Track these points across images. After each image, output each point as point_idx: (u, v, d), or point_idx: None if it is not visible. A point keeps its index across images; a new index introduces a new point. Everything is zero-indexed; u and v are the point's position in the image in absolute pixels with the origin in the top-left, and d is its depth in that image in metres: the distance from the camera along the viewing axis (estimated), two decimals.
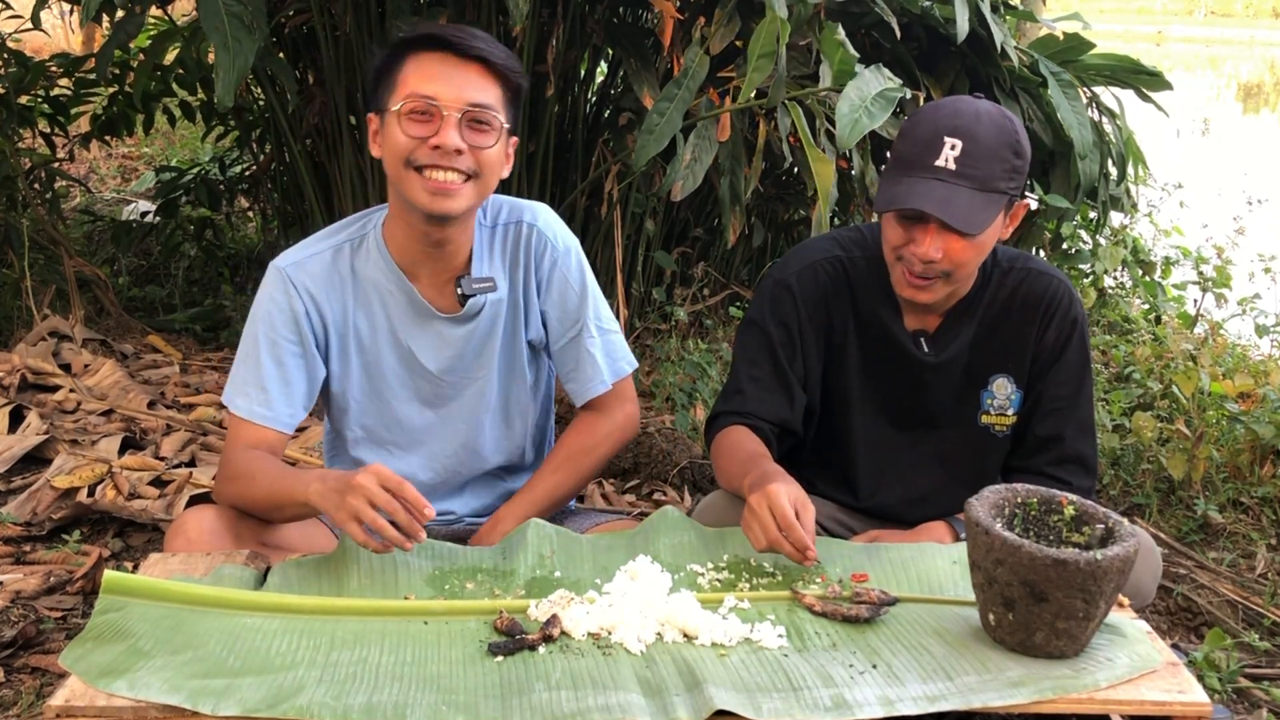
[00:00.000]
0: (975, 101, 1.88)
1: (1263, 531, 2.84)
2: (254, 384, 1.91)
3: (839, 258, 2.02)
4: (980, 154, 1.81)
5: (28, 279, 3.95)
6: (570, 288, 2.02)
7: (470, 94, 1.80)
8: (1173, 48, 30.93)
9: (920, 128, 1.86)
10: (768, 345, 2.01)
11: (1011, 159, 1.84)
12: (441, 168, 1.80)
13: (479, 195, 1.86)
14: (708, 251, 4.34)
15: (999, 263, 2.00)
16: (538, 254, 1.99)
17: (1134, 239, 4.63)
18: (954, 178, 1.81)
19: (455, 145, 1.79)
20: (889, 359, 2.01)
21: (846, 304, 2.02)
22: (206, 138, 5.21)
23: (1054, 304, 1.98)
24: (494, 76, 1.82)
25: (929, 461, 2.07)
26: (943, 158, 1.81)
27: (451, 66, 1.80)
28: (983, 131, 1.82)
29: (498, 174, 1.88)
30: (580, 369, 2.04)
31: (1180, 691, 1.51)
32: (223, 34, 2.82)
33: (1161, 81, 4.01)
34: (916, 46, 3.77)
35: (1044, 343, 1.99)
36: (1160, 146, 5.75)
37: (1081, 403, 2.01)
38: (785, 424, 2.02)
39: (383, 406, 2.01)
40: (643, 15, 3.97)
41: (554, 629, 1.59)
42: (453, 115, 1.78)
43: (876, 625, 1.65)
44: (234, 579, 1.68)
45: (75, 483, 2.75)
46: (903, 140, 1.89)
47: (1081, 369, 2.00)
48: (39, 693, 2.01)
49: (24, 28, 4.25)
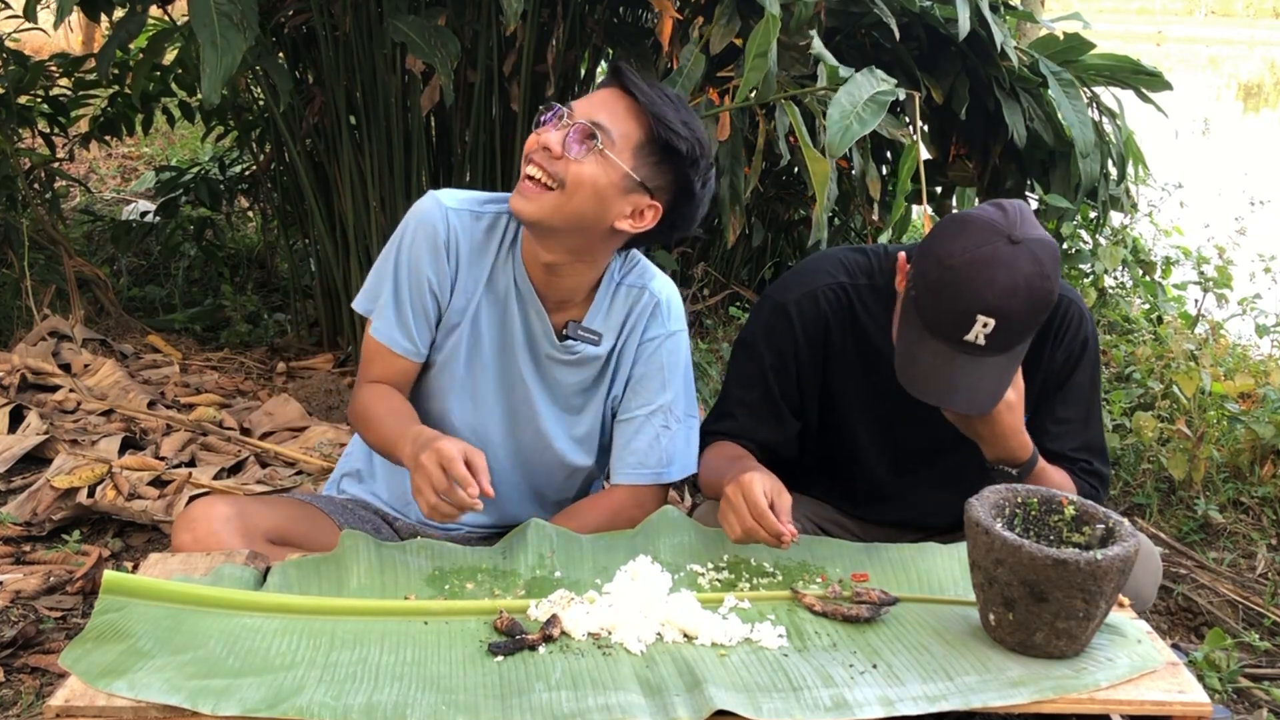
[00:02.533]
0: (1013, 261, 1.68)
1: (1263, 531, 2.84)
2: (393, 308, 1.91)
3: (843, 285, 1.96)
4: (1012, 330, 1.71)
5: (28, 279, 3.95)
6: (661, 369, 1.98)
7: (601, 114, 1.77)
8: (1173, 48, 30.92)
9: (952, 299, 1.71)
10: (760, 371, 1.97)
11: (1040, 319, 1.75)
12: (534, 163, 1.78)
13: (558, 211, 1.77)
14: (708, 251, 4.33)
15: None
16: (647, 323, 1.97)
17: (1134, 239, 4.63)
18: (981, 352, 1.72)
19: (549, 144, 1.76)
20: (894, 388, 1.94)
21: (850, 333, 1.96)
22: (206, 138, 5.20)
23: (1064, 325, 1.92)
24: (642, 116, 1.77)
25: (934, 485, 2.04)
26: (973, 334, 1.70)
27: (612, 89, 1.81)
28: (1018, 309, 1.69)
29: (589, 201, 1.77)
30: (641, 450, 1.98)
31: (1180, 691, 1.51)
32: (211, 32, 2.81)
33: (1161, 82, 4.01)
34: (916, 46, 3.77)
35: (1052, 363, 1.93)
36: (1160, 146, 5.75)
37: (1091, 423, 1.97)
38: (774, 448, 1.99)
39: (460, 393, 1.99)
40: (642, 15, 3.97)
41: (554, 629, 1.59)
42: (569, 122, 1.76)
43: (876, 625, 1.65)
44: (234, 579, 1.68)
45: (75, 483, 2.75)
46: (932, 298, 1.73)
47: (1091, 390, 1.96)
48: (39, 693, 2.01)
49: (24, 27, 4.25)
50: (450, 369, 1.98)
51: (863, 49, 3.83)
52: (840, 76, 2.96)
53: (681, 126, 1.78)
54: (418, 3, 3.47)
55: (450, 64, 3.13)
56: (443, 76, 3.13)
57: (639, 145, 1.78)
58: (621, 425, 2.01)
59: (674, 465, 1.99)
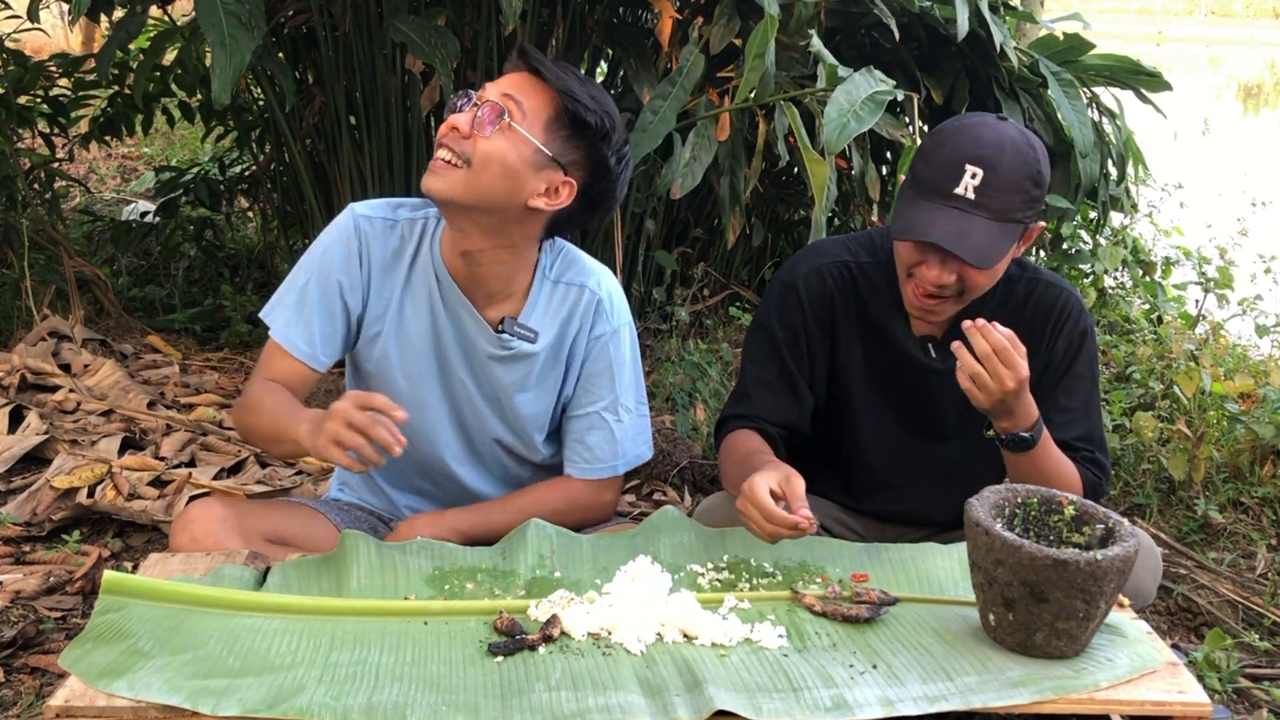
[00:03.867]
0: (1000, 126, 1.82)
1: (1263, 531, 2.83)
2: (295, 310, 1.90)
3: (847, 263, 2.01)
4: (1001, 185, 1.77)
5: (28, 279, 3.95)
6: (609, 366, 1.99)
7: (510, 93, 1.78)
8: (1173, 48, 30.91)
9: (941, 151, 1.82)
10: (774, 347, 2.01)
11: (1031, 189, 1.81)
12: (444, 145, 1.78)
13: (468, 188, 1.77)
14: (708, 251, 4.33)
15: (1007, 271, 1.96)
16: (590, 322, 1.97)
17: (1134, 239, 4.63)
18: (972, 208, 1.77)
19: (458, 124, 1.77)
20: (896, 365, 2.00)
21: (853, 309, 2.00)
22: (206, 138, 5.20)
23: (1064, 315, 1.96)
24: (549, 92, 1.78)
25: (935, 472, 2.05)
26: (963, 186, 1.77)
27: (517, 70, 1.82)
28: (1005, 161, 1.78)
29: (500, 177, 1.77)
30: (593, 446, 2.01)
31: (1180, 692, 1.51)
32: (220, 32, 2.82)
33: (1161, 82, 4.01)
34: (916, 46, 3.77)
35: (1053, 354, 1.97)
36: (1160, 147, 5.75)
37: (1092, 414, 1.99)
38: (792, 426, 2.01)
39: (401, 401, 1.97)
40: (642, 15, 3.97)
41: (554, 629, 1.59)
42: (479, 102, 1.78)
43: (876, 625, 1.65)
44: (234, 579, 1.68)
45: (75, 483, 2.75)
46: (923, 161, 1.85)
47: (1091, 380, 1.99)
48: (39, 693, 2.00)
49: (24, 27, 4.25)
50: (387, 379, 1.98)
51: (862, 49, 3.83)
52: (839, 76, 2.97)
53: (590, 100, 1.79)
54: (418, 3, 3.47)
55: (450, 64, 3.13)
56: (443, 76, 3.13)
57: (549, 120, 1.79)
58: (574, 421, 2.03)
59: (626, 456, 2.03)
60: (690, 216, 4.27)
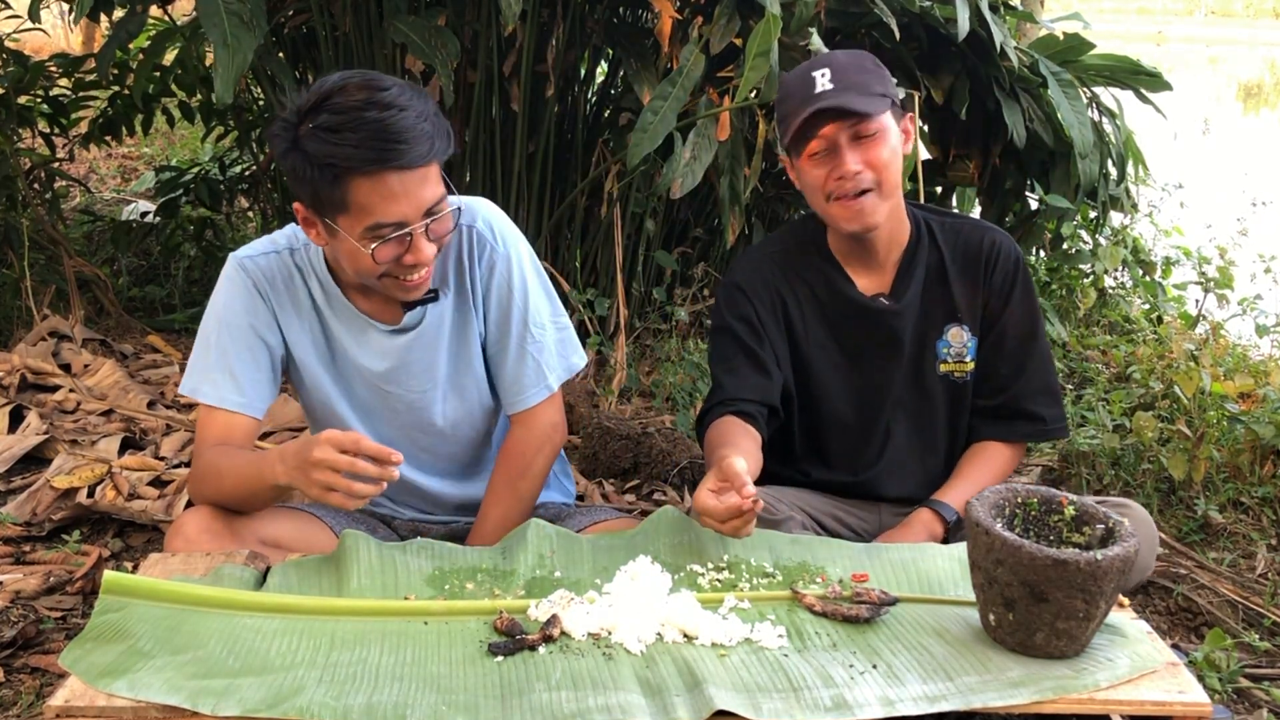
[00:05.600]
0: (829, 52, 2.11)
1: (1263, 531, 2.83)
2: (220, 369, 1.88)
3: (780, 250, 2.15)
4: (848, 68, 1.96)
5: (28, 279, 3.95)
6: (510, 290, 1.97)
7: (426, 196, 1.73)
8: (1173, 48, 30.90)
9: (791, 81, 2.00)
10: (734, 339, 2.09)
11: (876, 69, 1.99)
12: (418, 270, 1.79)
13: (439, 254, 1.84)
14: (708, 251, 4.33)
15: (927, 219, 2.12)
16: (477, 256, 1.96)
17: (1134, 239, 4.63)
18: (834, 93, 1.93)
19: (430, 255, 1.77)
20: (853, 318, 2.10)
21: (798, 285, 2.11)
22: (206, 138, 5.20)
23: (995, 250, 2.09)
24: (435, 161, 1.74)
25: (900, 419, 2.14)
26: (818, 86, 1.94)
27: (402, 176, 1.69)
28: (841, 58, 1.99)
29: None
30: (519, 377, 2.01)
31: (1180, 691, 1.51)
32: (222, 31, 2.83)
33: (1161, 82, 4.01)
34: (917, 46, 3.77)
35: (991, 288, 2.09)
36: (1160, 147, 5.75)
37: (1038, 336, 2.12)
38: (767, 398, 2.06)
39: (327, 413, 2.01)
40: (643, 15, 3.97)
41: (554, 629, 1.59)
42: (419, 229, 1.74)
43: (876, 625, 1.65)
44: (234, 579, 1.68)
45: (75, 483, 2.75)
46: (783, 100, 2.02)
47: (1032, 306, 2.11)
48: (39, 693, 2.01)
49: (24, 27, 4.25)
50: (332, 410, 1.99)
51: (862, 49, 3.82)
52: None
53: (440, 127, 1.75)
54: (418, 3, 3.47)
55: (450, 64, 3.13)
56: (443, 77, 3.13)
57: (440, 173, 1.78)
58: (497, 357, 2.02)
59: (555, 371, 2.03)
60: (690, 216, 4.27)
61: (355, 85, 1.69)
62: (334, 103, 1.67)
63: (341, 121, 1.65)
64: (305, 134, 1.68)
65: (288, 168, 1.74)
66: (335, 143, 1.65)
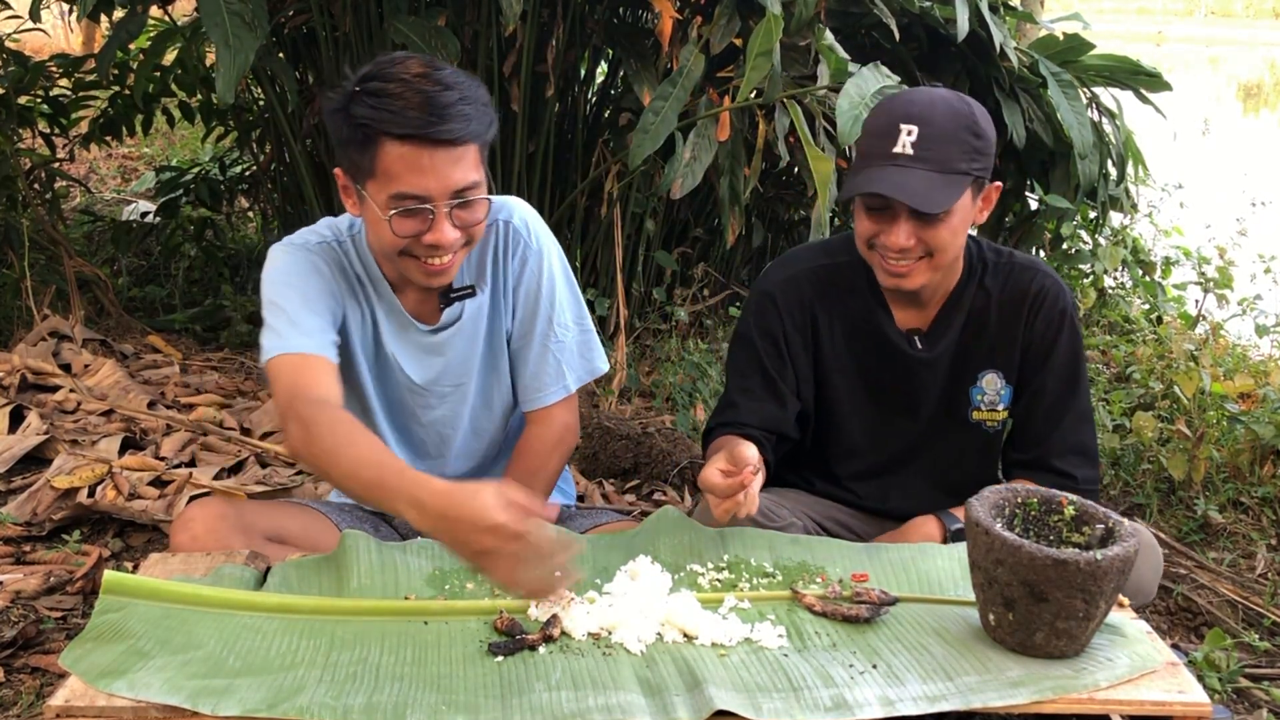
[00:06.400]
0: (931, 90, 1.89)
1: (1263, 531, 2.83)
2: (285, 323, 1.80)
3: (824, 265, 2.03)
4: (937, 136, 1.81)
5: (28, 279, 3.95)
6: (539, 286, 1.98)
7: (456, 177, 1.72)
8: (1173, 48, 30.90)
9: (877, 118, 1.87)
10: (755, 357, 2.02)
11: (970, 140, 1.83)
12: (439, 254, 1.78)
13: (469, 249, 1.85)
14: (708, 251, 4.34)
15: (984, 257, 2.00)
16: (510, 251, 1.97)
17: (1134, 239, 4.63)
18: (912, 161, 1.80)
19: (451, 240, 1.76)
20: (882, 359, 2.02)
21: (834, 308, 2.02)
22: (206, 138, 5.21)
23: (1041, 296, 1.97)
24: (471, 143, 1.75)
25: (924, 463, 2.07)
26: (900, 144, 1.81)
27: (433, 152, 1.69)
28: (938, 115, 1.82)
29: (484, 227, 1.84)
30: (539, 374, 2.02)
31: (1180, 691, 1.51)
32: (223, 31, 2.83)
33: (1160, 83, 4.02)
34: (917, 46, 3.78)
35: (1033, 336, 1.98)
36: (1160, 147, 5.75)
37: (1079, 393, 2.00)
38: (778, 428, 2.02)
39: (353, 404, 1.99)
40: (643, 15, 3.97)
41: (554, 629, 1.59)
42: (443, 209, 1.73)
43: (876, 625, 1.65)
44: (234, 579, 1.68)
45: (75, 483, 2.75)
46: (863, 135, 1.91)
47: (1075, 360, 2.00)
48: (39, 693, 2.01)
49: (24, 27, 4.25)
50: (362, 402, 1.99)
51: (863, 49, 3.83)
52: (846, 71, 2.98)
53: (485, 114, 1.77)
54: (418, 3, 3.47)
55: (450, 64, 3.13)
56: None
57: (479, 161, 1.77)
58: (520, 353, 2.03)
59: (575, 372, 2.04)
60: (690, 216, 4.28)
61: (415, 61, 1.74)
62: (388, 72, 1.71)
63: (388, 89, 1.69)
64: (355, 97, 1.72)
65: (332, 129, 1.78)
66: (376, 106, 1.69)
